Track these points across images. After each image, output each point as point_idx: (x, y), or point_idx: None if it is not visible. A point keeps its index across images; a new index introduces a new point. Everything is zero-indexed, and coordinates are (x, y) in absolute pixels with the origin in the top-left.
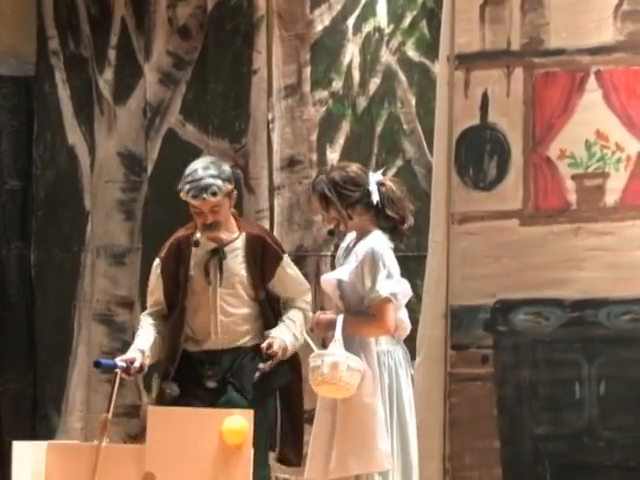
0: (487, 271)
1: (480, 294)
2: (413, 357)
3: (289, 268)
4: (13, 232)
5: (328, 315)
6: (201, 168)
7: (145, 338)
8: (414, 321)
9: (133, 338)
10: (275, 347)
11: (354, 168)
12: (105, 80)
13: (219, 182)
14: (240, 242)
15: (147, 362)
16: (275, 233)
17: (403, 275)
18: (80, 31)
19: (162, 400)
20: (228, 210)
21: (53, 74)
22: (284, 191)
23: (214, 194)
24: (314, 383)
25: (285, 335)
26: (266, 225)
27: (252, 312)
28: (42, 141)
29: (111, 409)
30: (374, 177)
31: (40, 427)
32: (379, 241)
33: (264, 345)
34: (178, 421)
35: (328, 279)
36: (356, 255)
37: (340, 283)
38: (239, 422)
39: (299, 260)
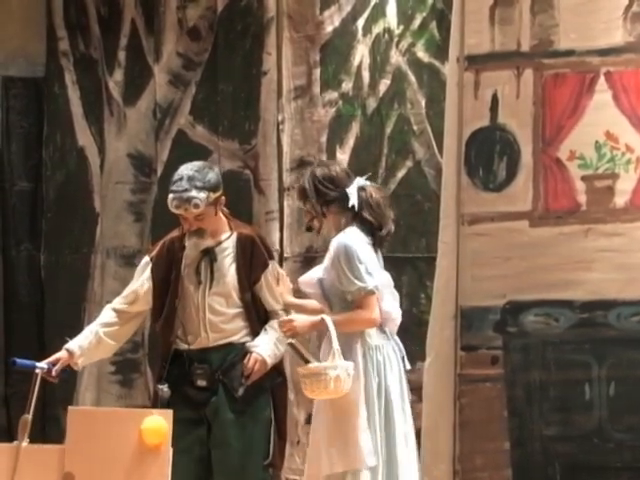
0: (497, 272)
1: (490, 295)
2: (423, 358)
3: (275, 272)
4: (23, 233)
5: (304, 317)
6: (186, 178)
7: (81, 338)
8: (424, 322)
9: (142, 339)
10: (250, 364)
11: (337, 168)
12: (115, 81)
13: (202, 194)
14: (231, 242)
15: (79, 362)
16: (285, 234)
17: (413, 276)
18: (90, 32)
19: (156, 402)
20: (215, 216)
21: (63, 75)
22: (294, 192)
23: (196, 206)
24: (314, 393)
25: (265, 347)
26: (276, 226)
27: (241, 312)
28: (52, 142)
29: (31, 410)
30: (358, 181)
31: (50, 428)
32: (351, 236)
33: (246, 358)
34: (98, 421)
35: (306, 280)
36: (328, 252)
37: (320, 282)
38: (158, 422)
39: (308, 261)
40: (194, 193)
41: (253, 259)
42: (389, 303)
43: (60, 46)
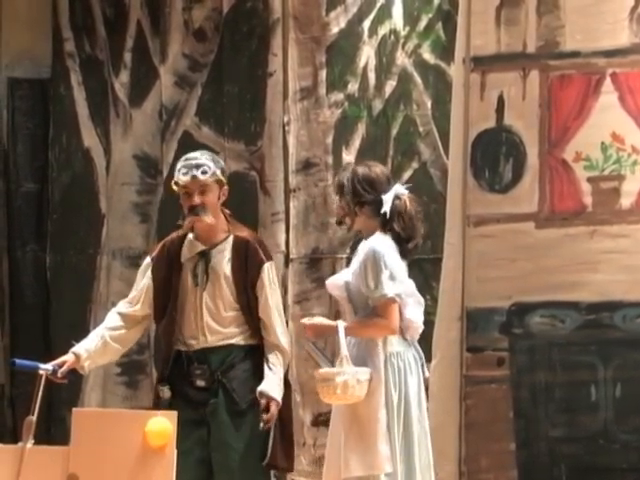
0: (503, 274)
1: (496, 296)
2: (429, 359)
3: (271, 277)
4: (29, 234)
5: (321, 320)
6: (198, 153)
7: (88, 341)
8: (430, 323)
9: (148, 341)
10: (271, 410)
11: (378, 171)
12: (121, 82)
13: (211, 164)
14: (227, 244)
15: (85, 365)
16: (291, 236)
17: (419, 277)
18: (96, 33)
19: (157, 403)
20: (217, 203)
21: (69, 76)
22: (300, 193)
23: (204, 172)
24: (325, 398)
25: (276, 390)
26: (282, 228)
27: (239, 314)
28: (58, 143)
29: (36, 411)
30: (396, 188)
31: (56, 430)
32: (380, 242)
33: (263, 404)
34: (102, 422)
35: (334, 282)
36: (358, 256)
37: (347, 285)
38: (162, 423)
39: (315, 262)
40: (204, 161)
41: (248, 261)
42: (412, 311)
43: (66, 47)
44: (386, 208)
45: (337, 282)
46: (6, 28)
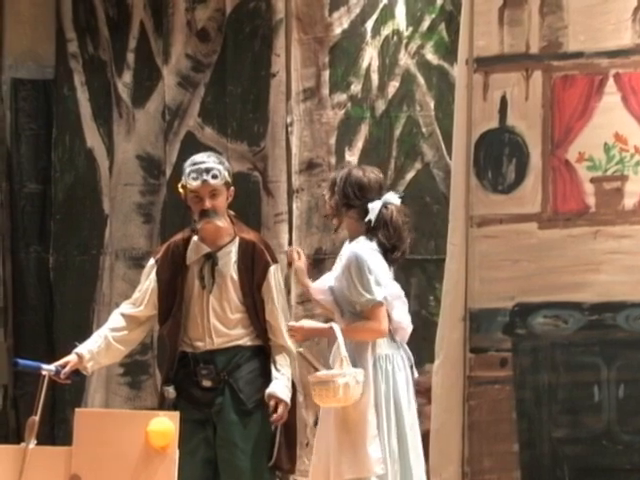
0: (506, 274)
1: (499, 297)
2: (431, 360)
3: (277, 279)
4: (32, 235)
5: (312, 323)
6: (205, 156)
7: (91, 342)
8: (433, 324)
9: (151, 341)
10: (280, 411)
11: (372, 177)
12: (124, 83)
13: (220, 167)
14: (234, 246)
15: (88, 366)
16: (294, 236)
17: (422, 278)
18: (99, 34)
19: (163, 403)
20: (225, 205)
21: (72, 77)
22: (303, 194)
23: (214, 177)
24: (323, 401)
25: (285, 392)
26: (285, 228)
27: (244, 316)
28: (61, 144)
29: (39, 411)
30: (387, 197)
31: (59, 430)
32: (362, 246)
33: (272, 405)
34: (105, 423)
35: (318, 287)
36: (340, 260)
37: (331, 290)
38: (164, 424)
39: (318, 263)
40: (213, 165)
41: (255, 263)
42: (400, 312)
43: (69, 48)
44: (371, 216)
45: (322, 287)
46: (9, 29)
